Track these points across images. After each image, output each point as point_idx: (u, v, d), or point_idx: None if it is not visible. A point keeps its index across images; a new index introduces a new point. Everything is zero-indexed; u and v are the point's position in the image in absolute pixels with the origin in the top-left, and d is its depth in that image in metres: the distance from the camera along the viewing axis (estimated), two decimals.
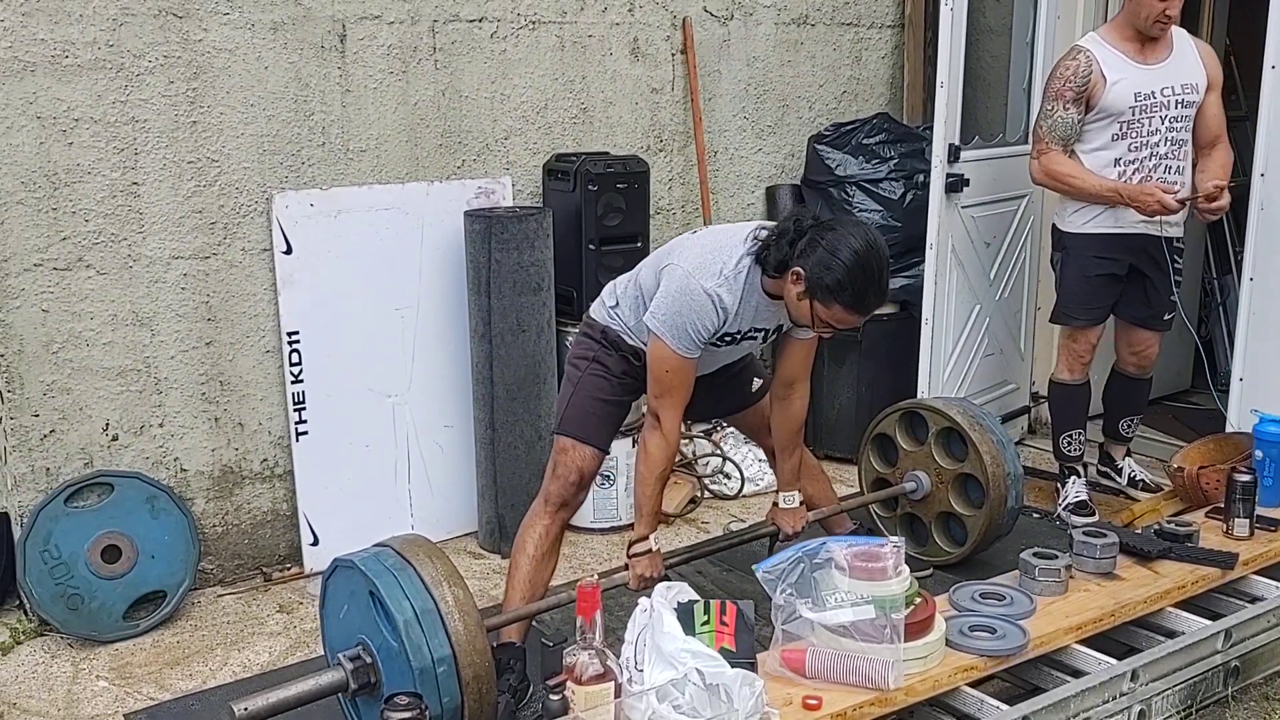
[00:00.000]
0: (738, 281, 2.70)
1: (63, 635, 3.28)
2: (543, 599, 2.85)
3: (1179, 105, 3.62)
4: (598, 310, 2.99)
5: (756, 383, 3.16)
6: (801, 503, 3.16)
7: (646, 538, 2.84)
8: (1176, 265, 3.79)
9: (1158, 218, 3.59)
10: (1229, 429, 3.80)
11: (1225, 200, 3.61)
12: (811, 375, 4.46)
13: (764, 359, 3.62)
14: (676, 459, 4.25)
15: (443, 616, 2.34)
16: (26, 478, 3.31)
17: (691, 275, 2.68)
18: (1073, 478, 4.00)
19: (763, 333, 2.85)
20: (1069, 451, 3.99)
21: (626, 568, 2.86)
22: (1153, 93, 3.60)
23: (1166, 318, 3.85)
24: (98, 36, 3.22)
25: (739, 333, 2.81)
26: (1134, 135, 3.63)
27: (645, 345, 2.81)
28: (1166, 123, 3.62)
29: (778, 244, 2.65)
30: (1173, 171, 3.65)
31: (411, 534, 2.58)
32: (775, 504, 3.17)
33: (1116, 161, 3.65)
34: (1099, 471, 4.15)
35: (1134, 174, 3.63)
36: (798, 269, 2.61)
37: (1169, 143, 3.64)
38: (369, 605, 2.40)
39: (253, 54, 3.45)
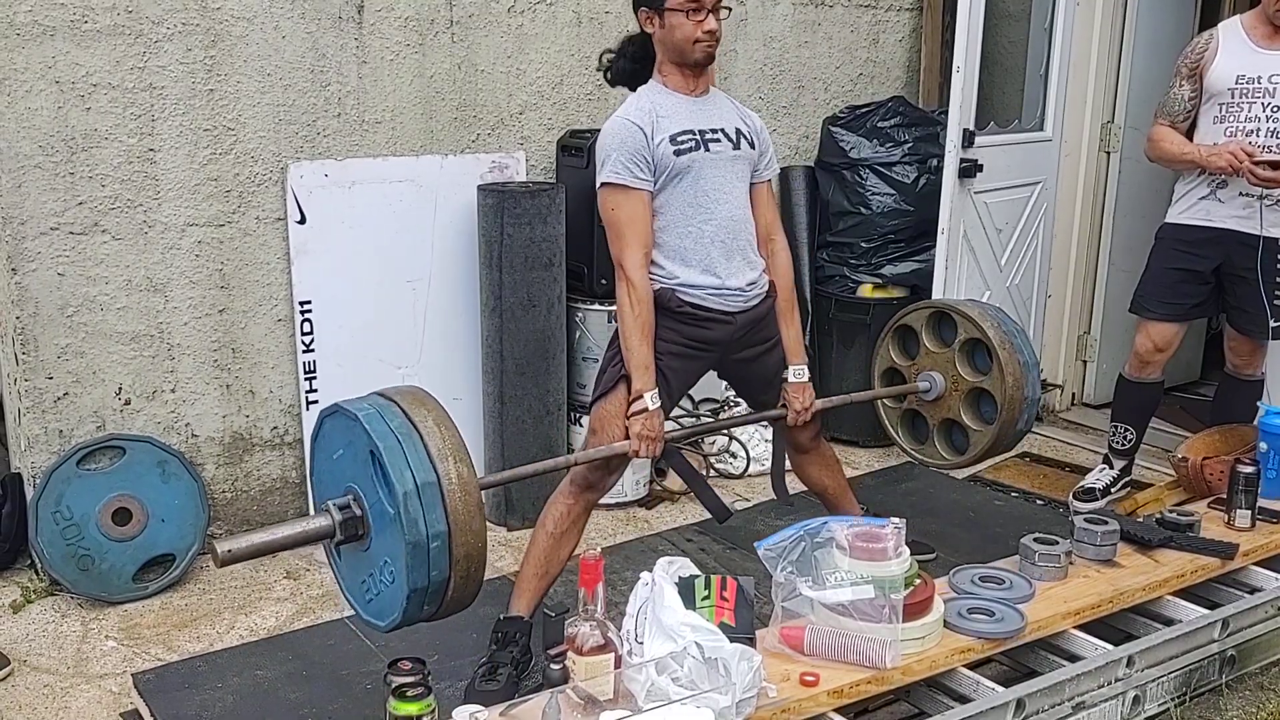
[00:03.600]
0: (641, 97, 2.85)
1: (73, 595, 3.33)
2: (557, 576, 2.86)
3: None
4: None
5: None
6: (810, 378, 3.06)
7: (642, 395, 2.76)
8: None
9: (1256, 215, 3.47)
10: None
11: None
12: (820, 358, 4.49)
13: None
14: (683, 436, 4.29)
15: (444, 492, 2.25)
16: (40, 439, 3.35)
17: (609, 122, 2.83)
18: (1102, 465, 4.01)
19: (720, 133, 2.86)
20: (1111, 441, 3.99)
21: (627, 434, 2.79)
22: (1258, 77, 3.45)
23: (1272, 324, 3.57)
24: (117, 2, 3.24)
25: (687, 133, 2.80)
26: (1231, 120, 3.50)
27: (686, 285, 2.84)
28: (1268, 110, 3.44)
29: (620, 53, 2.92)
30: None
31: (416, 389, 2.50)
32: (785, 379, 3.05)
33: (1214, 146, 3.52)
34: None
35: None
36: (640, 10, 2.82)
37: (1272, 134, 3.44)
38: (366, 460, 2.30)
39: (270, 23, 3.47)
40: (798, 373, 3.04)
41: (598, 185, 2.78)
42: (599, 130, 3.96)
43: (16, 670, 2.98)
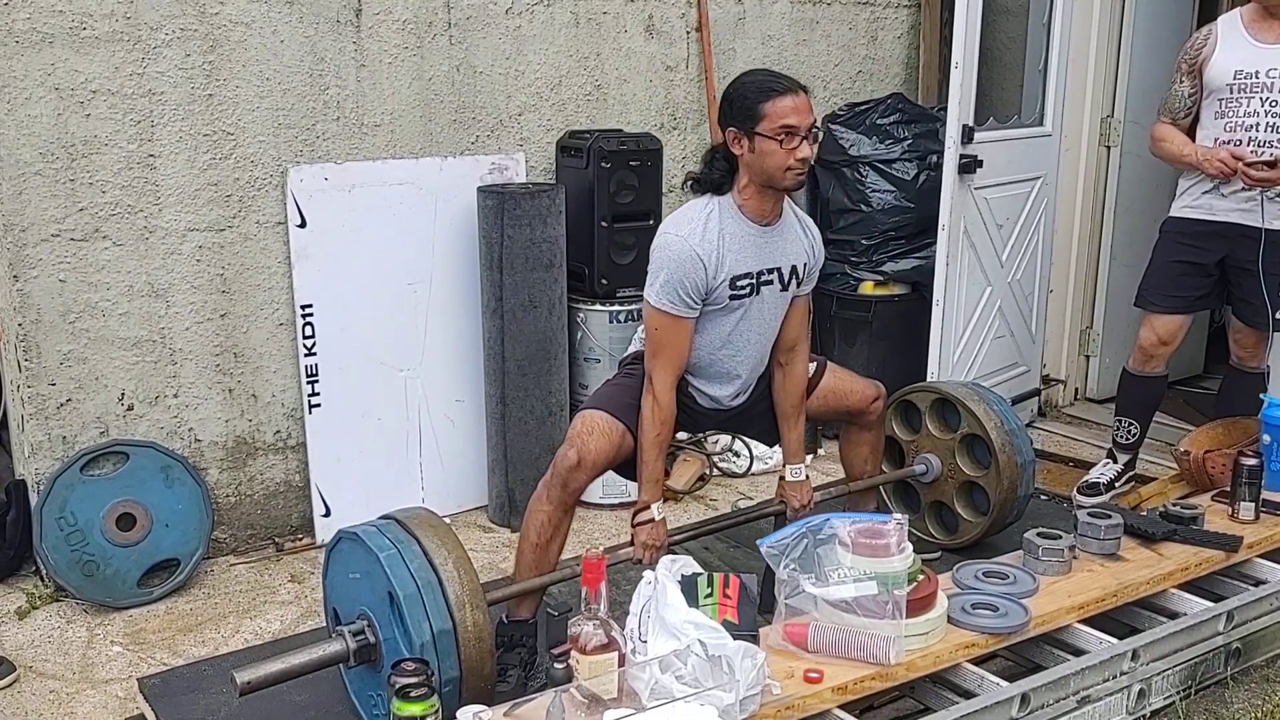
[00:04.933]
0: (711, 220, 2.74)
1: (78, 601, 3.33)
2: (552, 573, 2.87)
3: None
4: (632, 346, 3.10)
5: (811, 366, 3.14)
6: (807, 477, 3.15)
7: (649, 506, 2.83)
8: None
9: (1258, 208, 3.46)
10: None
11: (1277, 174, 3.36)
12: (822, 354, 4.49)
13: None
14: (686, 436, 4.30)
15: (459, 641, 2.33)
16: (43, 445, 3.36)
17: (668, 233, 2.74)
18: (1105, 459, 4.01)
19: (776, 273, 2.84)
20: (1115, 435, 3.99)
21: (633, 541, 2.88)
22: (1255, 72, 3.44)
23: (1276, 316, 3.56)
24: (115, 8, 3.25)
25: (749, 275, 2.79)
26: (1231, 115, 3.49)
27: None
28: (1266, 105, 3.43)
29: (710, 161, 2.77)
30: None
31: (430, 515, 2.57)
32: (782, 478, 3.15)
33: (1215, 142, 3.53)
34: None
35: None
36: (729, 129, 2.70)
37: (1271, 129, 3.42)
38: (384, 598, 2.39)
39: (268, 27, 3.47)
40: (794, 473, 3.11)
41: (647, 294, 2.75)
42: (597, 131, 4.01)
43: (22, 676, 2.98)
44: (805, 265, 2.92)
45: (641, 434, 2.81)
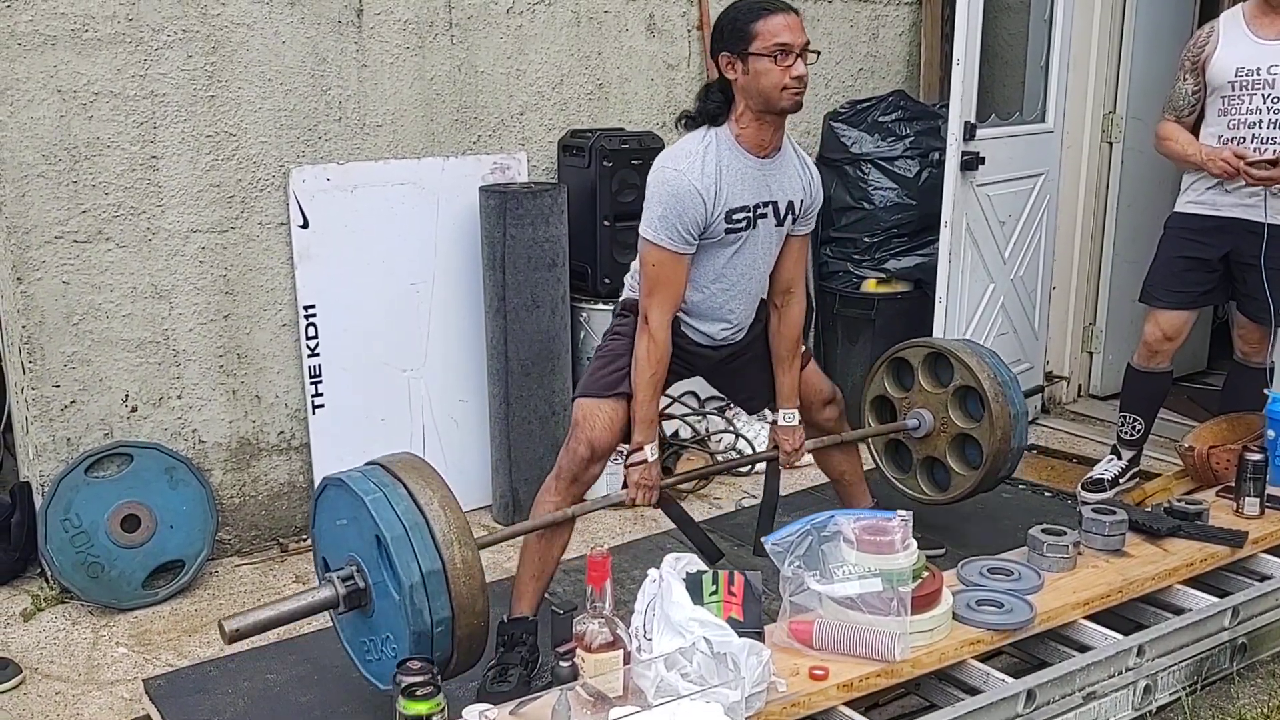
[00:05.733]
0: (709, 152, 2.70)
1: (83, 603, 3.34)
2: (554, 573, 2.87)
3: None
4: (624, 293, 3.02)
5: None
6: (800, 421, 3.11)
7: (642, 447, 2.81)
8: None
9: (1262, 203, 3.46)
10: None
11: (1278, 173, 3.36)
12: (824, 353, 4.50)
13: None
14: (690, 435, 4.30)
15: (449, 579, 2.29)
16: (48, 447, 3.36)
17: (665, 167, 2.72)
18: (1110, 456, 4.00)
19: (771, 206, 2.81)
20: (1120, 431, 3.99)
21: (625, 483, 2.85)
22: (1257, 69, 3.44)
23: None
24: (117, 10, 3.25)
25: (745, 209, 2.76)
26: (1234, 112, 3.50)
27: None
28: (1269, 102, 3.43)
29: (707, 95, 2.74)
30: None
31: (414, 459, 2.53)
32: (774, 421, 3.11)
33: (1218, 139, 3.53)
34: None
35: None
36: (722, 55, 2.67)
37: (1274, 125, 3.43)
38: (372, 542, 2.35)
39: (270, 28, 3.47)
40: (787, 417, 3.09)
41: (642, 229, 2.74)
42: (599, 130, 4.01)
43: (28, 678, 2.99)
44: (802, 202, 2.88)
45: (636, 373, 2.78)
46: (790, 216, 2.87)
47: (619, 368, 2.85)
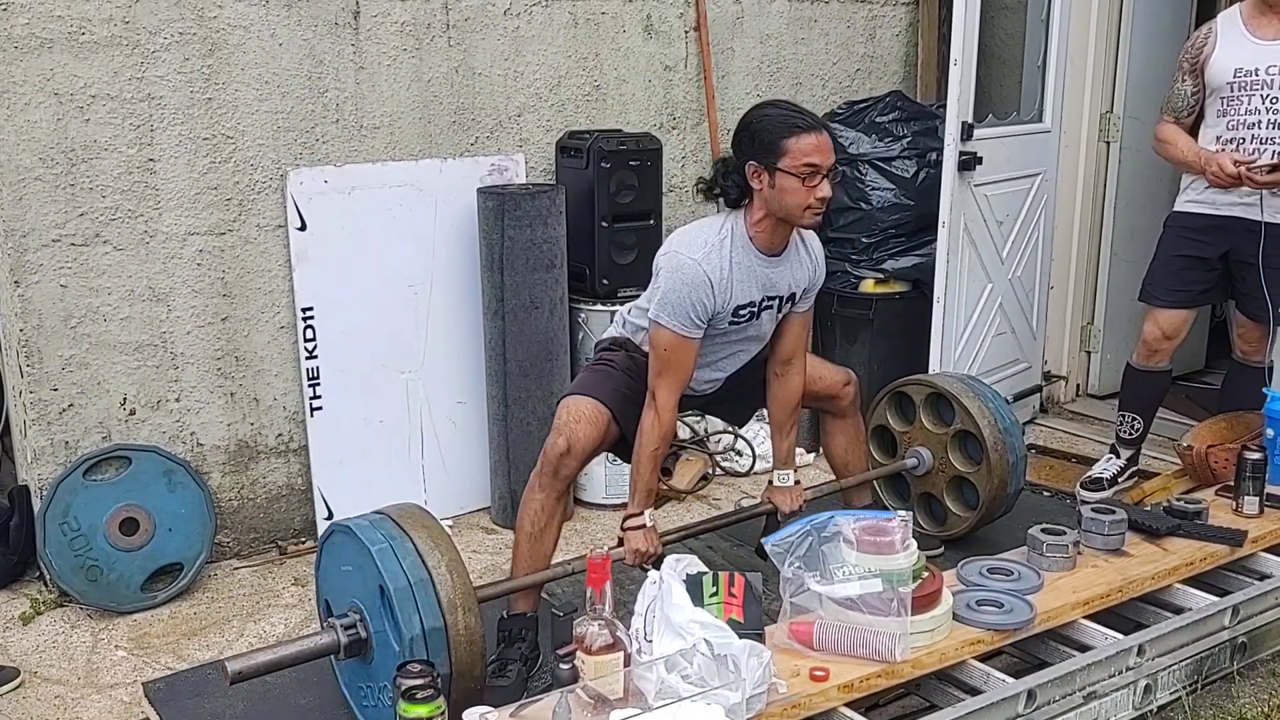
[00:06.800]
0: (724, 247, 2.73)
1: (82, 606, 3.33)
2: (546, 569, 2.87)
3: None
4: (609, 331, 3.11)
5: None
6: (797, 482, 3.16)
7: (641, 513, 2.85)
8: None
9: (1259, 202, 3.47)
10: None
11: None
12: (824, 354, 4.50)
13: None
14: (689, 436, 4.30)
15: (450, 642, 2.33)
16: (46, 451, 3.35)
17: (680, 252, 2.73)
18: (1109, 455, 4.01)
19: (776, 300, 2.86)
20: (1119, 430, 4.00)
21: (620, 543, 2.88)
22: (1255, 70, 3.44)
23: (1278, 310, 3.56)
24: (114, 13, 3.24)
25: (751, 304, 2.81)
26: (1233, 113, 3.50)
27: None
28: (1267, 103, 3.43)
29: (724, 175, 2.74)
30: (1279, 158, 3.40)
31: (423, 514, 2.57)
32: (770, 483, 3.18)
33: (1217, 140, 3.54)
34: None
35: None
36: (749, 163, 2.67)
37: (1273, 125, 3.43)
38: (375, 592, 2.40)
39: (267, 30, 3.47)
40: (783, 478, 3.15)
41: (654, 313, 2.75)
42: (597, 131, 4.01)
43: (27, 682, 2.98)
44: (805, 290, 2.94)
45: (640, 446, 2.82)
46: (790, 303, 2.93)
47: (619, 385, 2.91)
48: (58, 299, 3.30)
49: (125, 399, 3.44)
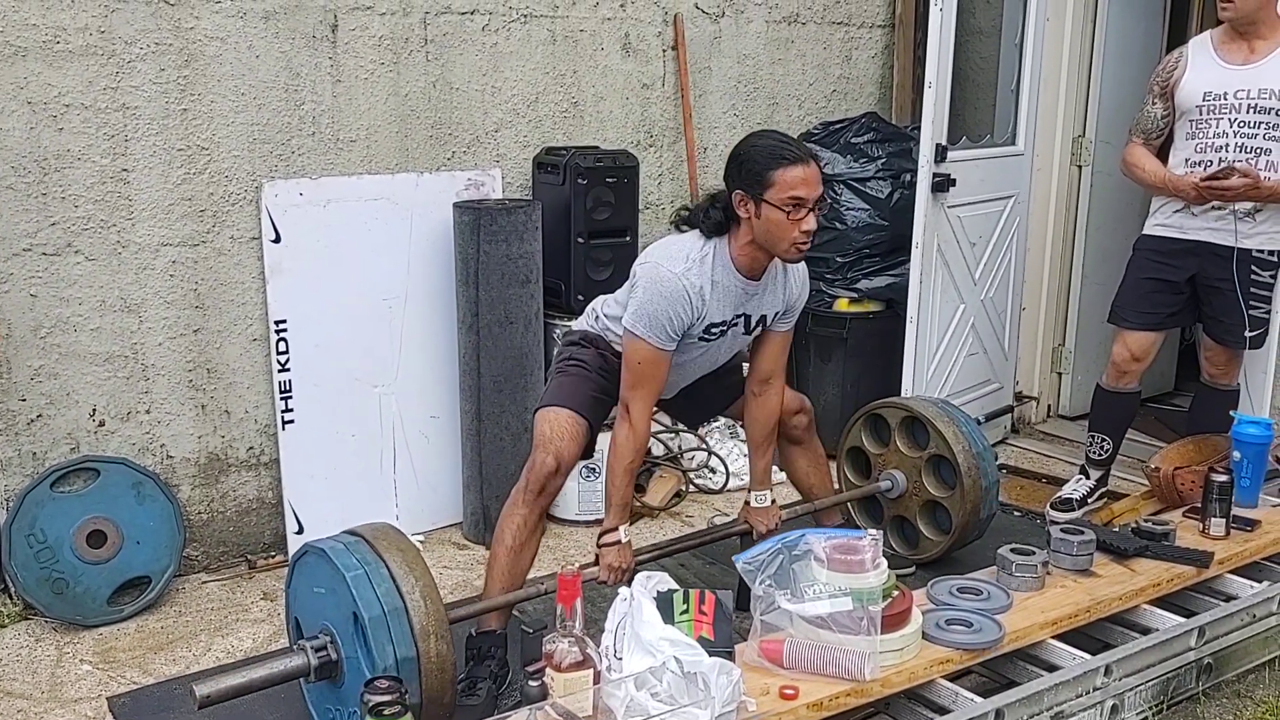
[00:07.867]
0: (705, 264, 2.75)
1: (47, 619, 3.29)
2: (522, 588, 2.87)
3: (1252, 110, 3.45)
4: (579, 323, 3.09)
5: (746, 368, 3.19)
6: (773, 502, 3.18)
7: (616, 529, 2.85)
8: (1257, 278, 3.57)
9: (1230, 227, 3.51)
10: None
11: (1234, 182, 3.37)
12: (797, 371, 4.51)
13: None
14: (662, 452, 4.30)
15: (422, 671, 2.33)
16: (13, 462, 3.32)
17: (661, 265, 2.74)
18: (1078, 475, 4.04)
19: (744, 319, 2.88)
20: (1088, 451, 4.03)
21: (597, 561, 2.88)
22: (1224, 94, 3.48)
23: (1248, 334, 3.60)
24: (89, 22, 3.23)
25: (723, 323, 2.83)
26: (1201, 136, 3.54)
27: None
28: (1235, 126, 3.47)
29: (712, 205, 2.76)
30: None
31: (398, 535, 2.56)
32: (747, 502, 3.19)
33: (1186, 162, 3.57)
34: None
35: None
36: (736, 191, 2.68)
37: (1240, 149, 3.46)
38: (349, 618, 2.38)
39: (244, 42, 3.46)
40: (759, 499, 3.17)
41: (630, 324, 2.76)
42: (574, 148, 4.02)
43: None
44: (777, 313, 2.96)
45: (614, 458, 2.83)
46: (760, 326, 2.95)
47: (593, 390, 2.91)
48: (27, 308, 3.28)
49: (95, 410, 3.41)
